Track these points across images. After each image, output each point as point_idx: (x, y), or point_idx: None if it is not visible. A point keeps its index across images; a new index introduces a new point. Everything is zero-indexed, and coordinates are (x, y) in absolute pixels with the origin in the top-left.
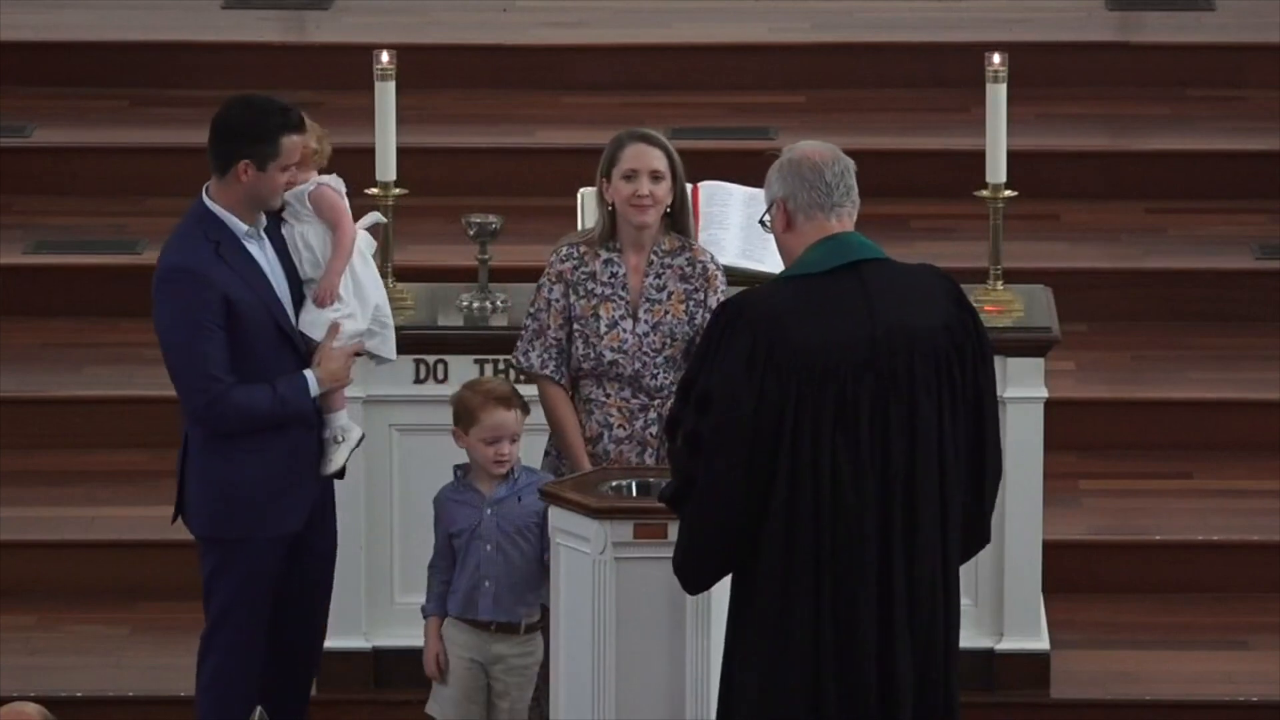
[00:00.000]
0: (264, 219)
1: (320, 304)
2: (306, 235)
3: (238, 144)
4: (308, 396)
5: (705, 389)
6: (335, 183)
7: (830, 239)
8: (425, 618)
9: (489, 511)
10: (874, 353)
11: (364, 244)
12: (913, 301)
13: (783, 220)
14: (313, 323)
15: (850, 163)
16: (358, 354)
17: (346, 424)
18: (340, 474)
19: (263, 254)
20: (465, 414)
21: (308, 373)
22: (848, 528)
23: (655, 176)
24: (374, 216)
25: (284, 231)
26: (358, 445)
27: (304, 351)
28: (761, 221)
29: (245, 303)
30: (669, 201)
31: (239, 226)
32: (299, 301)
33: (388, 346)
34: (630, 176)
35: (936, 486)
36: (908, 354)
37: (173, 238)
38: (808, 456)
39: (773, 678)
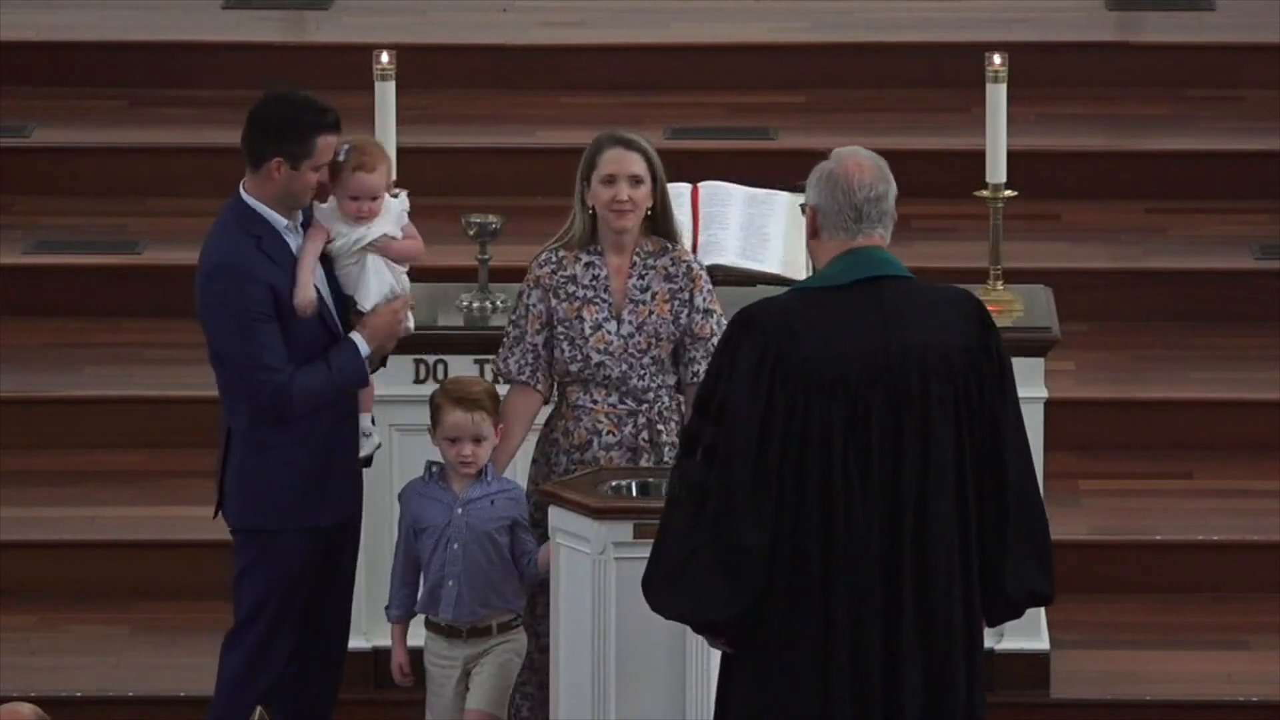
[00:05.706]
0: (301, 213)
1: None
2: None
3: (272, 141)
4: (359, 357)
5: (721, 400)
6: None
7: (853, 253)
8: (390, 622)
9: (460, 510)
10: (886, 366)
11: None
12: (929, 320)
13: (811, 227)
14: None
15: (890, 187)
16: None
17: (367, 427)
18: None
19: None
20: (433, 412)
21: (354, 335)
22: (855, 545)
23: (635, 181)
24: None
25: None
26: (374, 450)
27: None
28: (801, 206)
29: (289, 295)
30: (649, 204)
31: (279, 220)
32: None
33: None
34: (609, 181)
35: (952, 509)
36: (921, 371)
37: (213, 235)
38: (817, 469)
39: (777, 697)
